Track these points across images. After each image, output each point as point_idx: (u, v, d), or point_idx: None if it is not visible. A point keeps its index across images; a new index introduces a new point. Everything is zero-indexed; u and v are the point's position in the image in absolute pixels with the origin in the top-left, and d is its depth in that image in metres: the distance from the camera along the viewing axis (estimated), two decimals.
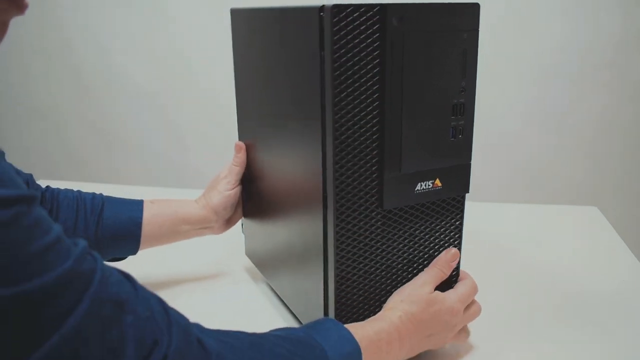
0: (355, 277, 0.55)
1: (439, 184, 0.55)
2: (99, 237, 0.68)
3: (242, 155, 0.75)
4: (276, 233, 0.67)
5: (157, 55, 1.79)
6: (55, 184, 1.16)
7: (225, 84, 1.81)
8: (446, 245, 0.59)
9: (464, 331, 0.60)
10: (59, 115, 1.94)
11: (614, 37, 1.54)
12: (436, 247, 0.58)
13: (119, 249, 0.71)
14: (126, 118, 1.88)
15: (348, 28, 0.47)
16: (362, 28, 0.48)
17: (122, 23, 1.78)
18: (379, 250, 0.55)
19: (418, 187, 0.54)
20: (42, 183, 1.17)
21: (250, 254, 0.78)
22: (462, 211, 0.58)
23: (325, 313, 0.57)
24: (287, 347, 0.44)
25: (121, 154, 1.92)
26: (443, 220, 0.57)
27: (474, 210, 0.99)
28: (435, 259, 0.58)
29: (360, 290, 0.56)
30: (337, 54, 0.47)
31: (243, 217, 0.79)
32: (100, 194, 0.72)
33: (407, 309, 0.54)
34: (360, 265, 0.55)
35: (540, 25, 1.56)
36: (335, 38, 0.47)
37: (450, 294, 0.57)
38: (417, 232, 0.56)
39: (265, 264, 0.73)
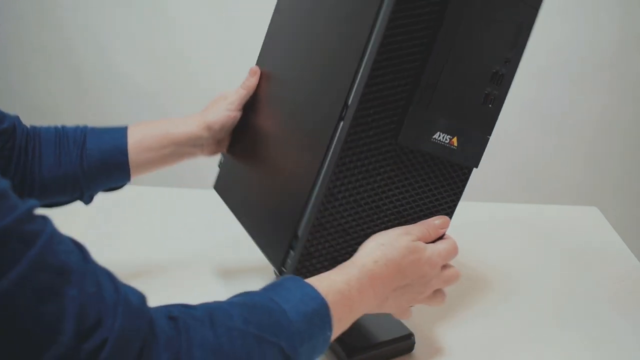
0: (341, 207, 0.52)
1: (455, 144, 0.54)
2: (85, 170, 0.65)
3: (254, 80, 0.71)
4: (264, 165, 0.64)
5: (157, 55, 1.79)
6: None
7: (225, 84, 1.81)
8: (437, 212, 0.57)
9: (440, 293, 0.57)
10: (58, 114, 1.94)
11: (613, 37, 1.54)
12: (427, 209, 0.57)
13: (109, 179, 0.69)
14: (126, 118, 1.88)
15: None
16: None
17: (122, 23, 1.78)
18: (374, 187, 0.53)
19: (436, 135, 0.53)
20: None
21: (220, 188, 0.75)
22: (464, 186, 0.57)
23: (295, 236, 0.53)
24: (242, 316, 0.41)
25: None
26: (443, 186, 0.56)
27: (474, 210, 0.99)
28: (425, 220, 0.56)
29: (340, 224, 0.53)
30: None
31: (224, 152, 0.75)
32: (84, 126, 0.68)
33: (386, 252, 0.51)
34: (350, 196, 0.52)
35: (540, 26, 1.56)
36: None
37: (431, 246, 0.54)
38: (416, 185, 0.55)
39: (237, 198, 0.69)
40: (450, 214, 0.58)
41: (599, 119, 1.63)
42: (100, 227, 0.96)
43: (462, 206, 0.59)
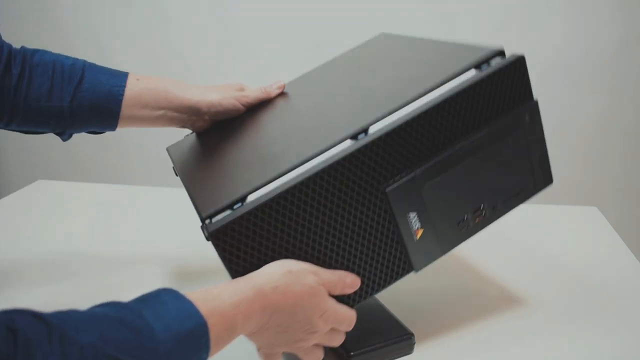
0: (300, 210, 0.49)
1: (418, 236, 0.55)
2: (74, 109, 0.63)
3: (276, 92, 0.70)
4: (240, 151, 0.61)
5: (157, 55, 1.79)
6: (55, 184, 1.16)
7: None
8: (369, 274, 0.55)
9: (319, 350, 0.53)
10: None
11: (613, 37, 1.54)
12: (359, 266, 0.54)
13: (95, 124, 0.66)
14: None
15: None
16: None
17: (122, 23, 1.78)
18: (340, 217, 0.50)
19: (411, 215, 0.54)
20: (42, 183, 1.17)
21: (173, 150, 0.72)
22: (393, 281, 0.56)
23: (242, 199, 0.49)
24: (100, 333, 0.35)
25: (121, 153, 1.92)
26: (382, 262, 0.54)
27: None
28: (339, 271, 0.52)
29: (288, 224, 0.49)
30: None
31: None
32: (83, 61, 0.65)
33: (289, 283, 0.47)
34: (314, 206, 0.49)
35: (541, 26, 1.56)
36: None
37: (333, 302, 0.51)
38: (366, 241, 0.53)
39: (192, 160, 0.67)
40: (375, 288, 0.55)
41: (599, 119, 1.63)
42: (100, 227, 0.96)
43: None
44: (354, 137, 0.50)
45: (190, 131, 0.73)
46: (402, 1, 1.59)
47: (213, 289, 0.45)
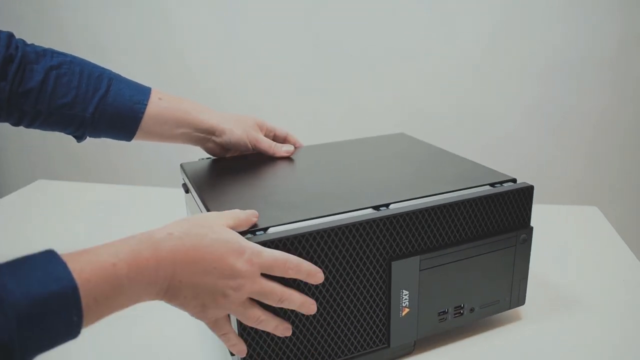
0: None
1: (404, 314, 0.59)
2: (96, 119, 0.66)
3: (281, 153, 0.74)
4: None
5: (157, 55, 1.79)
6: (55, 184, 1.16)
7: (225, 85, 1.82)
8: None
9: (256, 309, 0.47)
10: None
11: (613, 37, 1.54)
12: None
13: (113, 134, 0.70)
14: None
15: None
16: None
17: (122, 23, 1.78)
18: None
19: (403, 295, 0.58)
20: (42, 183, 1.17)
21: (188, 168, 0.73)
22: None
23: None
24: None
25: (121, 153, 1.92)
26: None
27: None
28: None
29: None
30: None
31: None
32: (109, 72, 0.69)
33: (191, 230, 0.43)
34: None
35: (541, 26, 1.56)
36: None
37: (269, 282, 0.46)
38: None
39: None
40: None
41: (599, 119, 1.63)
42: (100, 227, 0.96)
43: None
44: (376, 207, 0.55)
45: (207, 155, 0.77)
46: (402, 1, 1.59)
47: (92, 248, 0.40)
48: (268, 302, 0.48)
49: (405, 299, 0.57)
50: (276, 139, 0.78)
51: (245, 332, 0.51)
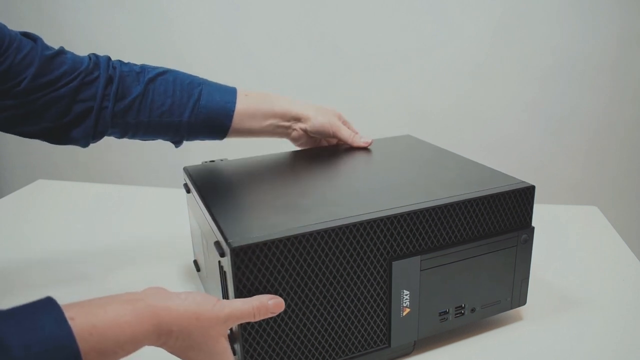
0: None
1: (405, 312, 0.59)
2: (191, 123, 0.71)
3: (360, 143, 0.78)
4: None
5: (158, 56, 1.79)
6: (55, 184, 1.16)
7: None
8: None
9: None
10: None
11: (614, 37, 1.54)
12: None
13: (208, 135, 0.74)
14: None
15: None
16: None
17: (122, 23, 1.78)
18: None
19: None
20: (42, 183, 1.17)
21: (193, 171, 0.75)
22: None
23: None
24: None
25: (121, 154, 1.92)
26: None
27: None
28: (258, 296, 0.50)
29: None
30: None
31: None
32: (199, 79, 0.74)
33: (193, 329, 0.45)
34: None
35: (541, 26, 1.56)
36: None
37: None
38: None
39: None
40: None
41: (599, 119, 1.63)
42: (100, 227, 0.96)
43: None
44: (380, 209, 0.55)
45: (209, 160, 0.78)
46: (402, 1, 1.59)
47: (96, 305, 0.41)
48: None
49: (406, 299, 0.57)
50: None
51: (246, 332, 0.51)
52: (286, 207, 0.56)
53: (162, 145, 0.79)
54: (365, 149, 0.79)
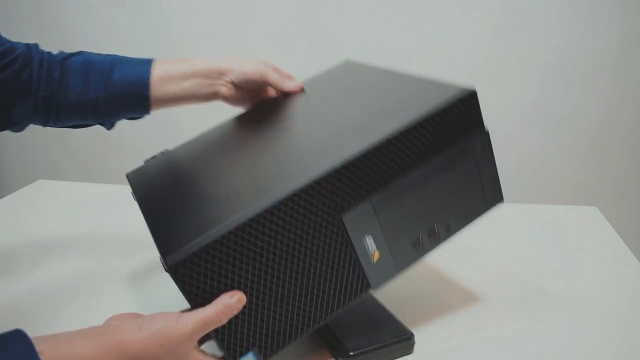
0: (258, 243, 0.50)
1: (375, 258, 0.56)
2: (108, 98, 0.69)
3: (299, 85, 0.75)
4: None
5: (157, 56, 1.78)
6: (55, 184, 1.16)
7: None
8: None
9: None
10: None
11: (614, 37, 1.54)
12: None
13: (130, 109, 0.71)
14: None
15: None
16: None
17: (122, 23, 1.78)
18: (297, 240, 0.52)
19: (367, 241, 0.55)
20: (42, 183, 1.17)
21: (133, 176, 0.75)
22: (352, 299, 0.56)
23: (201, 231, 0.49)
24: None
25: (121, 154, 1.92)
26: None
27: None
28: (219, 298, 0.49)
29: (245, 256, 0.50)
30: None
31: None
32: (113, 55, 0.72)
33: (150, 349, 0.45)
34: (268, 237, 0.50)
35: (541, 26, 1.56)
36: None
37: None
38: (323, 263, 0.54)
39: (156, 188, 0.69)
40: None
41: (599, 119, 1.63)
42: (100, 227, 0.96)
43: None
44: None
45: (150, 157, 0.76)
46: (402, 1, 1.59)
47: (65, 337, 0.43)
48: None
49: (372, 244, 0.54)
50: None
51: (218, 332, 0.50)
52: (218, 199, 0.53)
53: (162, 145, 0.79)
54: (300, 95, 0.75)
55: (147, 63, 0.71)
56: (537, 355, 0.61)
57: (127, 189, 0.71)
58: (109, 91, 0.69)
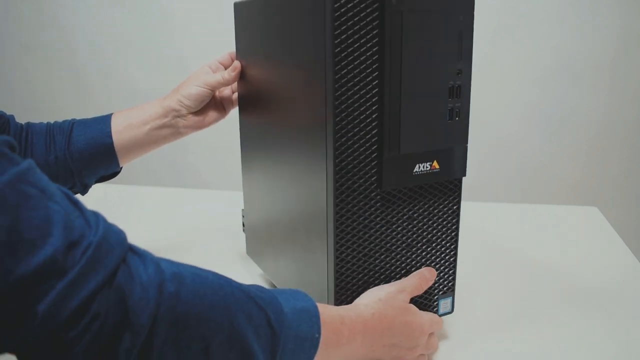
0: (355, 259, 0.55)
1: (437, 166, 0.56)
2: (73, 155, 0.69)
3: (234, 76, 0.76)
4: (277, 225, 0.66)
5: (157, 56, 1.79)
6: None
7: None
8: (444, 229, 0.59)
9: (424, 359, 0.58)
10: (58, 115, 1.94)
11: (613, 37, 1.54)
12: (434, 231, 0.58)
13: (98, 165, 0.72)
14: None
15: (348, 6, 0.48)
16: (362, 6, 0.48)
17: (122, 24, 1.78)
18: (378, 232, 0.55)
19: (416, 168, 0.55)
20: None
21: (251, 252, 0.78)
22: (460, 195, 0.59)
23: (326, 298, 0.56)
24: (245, 296, 0.42)
25: None
26: (441, 204, 0.58)
27: (474, 210, 0.99)
28: (416, 271, 0.58)
29: (360, 274, 0.56)
30: (337, 32, 0.48)
31: (243, 216, 0.78)
32: (73, 118, 0.73)
33: (382, 309, 0.53)
34: (360, 248, 0.55)
35: (541, 26, 1.56)
36: (336, 15, 0.48)
37: (424, 314, 0.57)
38: (415, 214, 0.57)
39: (266, 259, 0.72)
40: (456, 226, 0.59)
41: (599, 119, 1.63)
42: None
43: (462, 206, 0.59)
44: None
45: None
46: None
47: (328, 305, 0.52)
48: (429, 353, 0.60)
49: None
50: (225, 66, 0.82)
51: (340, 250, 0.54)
52: None
53: (162, 147, 0.79)
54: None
55: (105, 117, 0.73)
56: (536, 355, 0.61)
57: (127, 189, 0.71)
58: (73, 148, 0.70)
